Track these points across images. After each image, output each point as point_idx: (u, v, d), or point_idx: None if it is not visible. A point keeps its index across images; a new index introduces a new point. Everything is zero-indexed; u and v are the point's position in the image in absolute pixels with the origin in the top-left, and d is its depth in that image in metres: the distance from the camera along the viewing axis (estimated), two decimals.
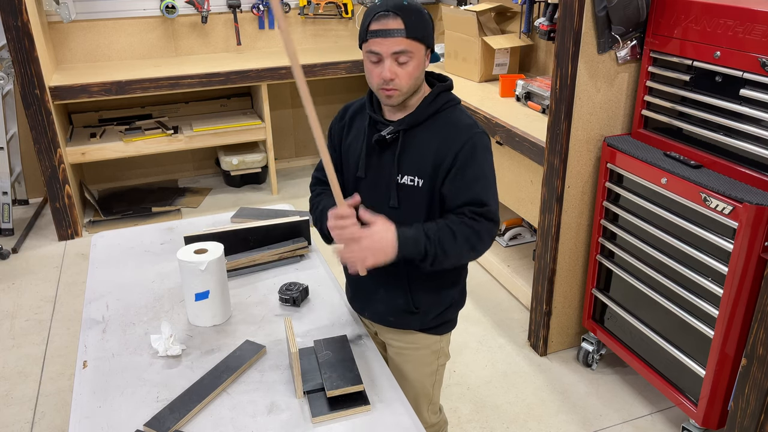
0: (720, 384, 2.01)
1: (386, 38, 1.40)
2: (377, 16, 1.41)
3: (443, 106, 1.51)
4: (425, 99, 1.51)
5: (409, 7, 1.41)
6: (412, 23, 1.40)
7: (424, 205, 1.51)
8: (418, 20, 1.41)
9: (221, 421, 1.36)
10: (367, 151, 1.55)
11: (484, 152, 1.48)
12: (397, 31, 1.39)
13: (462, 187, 1.46)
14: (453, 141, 1.47)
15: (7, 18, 3.22)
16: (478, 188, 1.46)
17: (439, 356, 1.71)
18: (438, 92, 1.51)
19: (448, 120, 1.51)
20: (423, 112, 1.50)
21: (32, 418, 2.41)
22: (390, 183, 1.52)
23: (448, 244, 1.44)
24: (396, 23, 1.39)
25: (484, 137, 1.50)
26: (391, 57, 1.41)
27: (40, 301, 3.14)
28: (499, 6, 3.53)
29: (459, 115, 1.52)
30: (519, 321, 2.95)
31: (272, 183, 4.35)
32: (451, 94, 1.55)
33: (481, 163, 1.47)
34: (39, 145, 3.51)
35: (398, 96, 1.46)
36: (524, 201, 2.84)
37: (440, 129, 1.49)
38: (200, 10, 4.12)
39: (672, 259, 2.09)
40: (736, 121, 1.91)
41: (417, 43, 1.42)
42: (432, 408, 1.77)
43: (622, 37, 2.19)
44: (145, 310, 1.75)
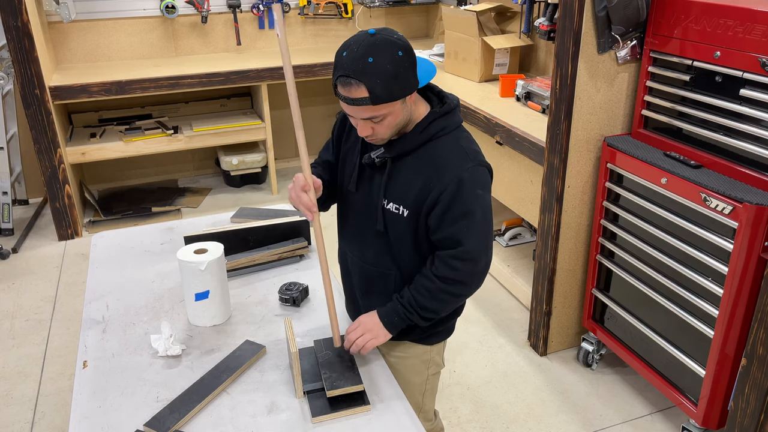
0: (720, 384, 2.01)
1: (353, 106, 1.32)
2: (340, 80, 1.30)
3: (437, 134, 1.42)
4: (417, 126, 1.42)
5: (374, 68, 1.26)
6: (377, 89, 1.28)
7: (409, 233, 1.48)
8: (386, 82, 1.28)
9: (221, 421, 1.36)
10: (360, 168, 1.52)
11: (472, 189, 1.39)
12: (362, 100, 1.29)
13: (443, 224, 1.42)
14: (438, 179, 1.39)
15: (7, 18, 3.21)
16: (457, 227, 1.41)
17: (429, 366, 1.68)
18: (431, 120, 1.42)
19: (437, 152, 1.42)
20: (413, 141, 1.42)
21: (32, 418, 2.41)
22: (377, 207, 1.49)
23: (430, 304, 1.45)
24: (359, 91, 1.28)
25: (476, 171, 1.41)
26: (362, 120, 1.35)
27: (40, 301, 3.14)
28: (499, 6, 3.53)
29: (452, 146, 1.42)
30: (519, 321, 2.95)
31: (272, 183, 4.35)
32: (449, 119, 1.44)
33: (467, 202, 1.39)
34: (39, 145, 3.51)
35: (381, 141, 1.42)
36: (524, 201, 2.84)
37: (428, 162, 1.42)
38: (200, 10, 4.12)
39: (672, 259, 2.09)
40: (736, 121, 1.91)
41: (388, 105, 1.32)
42: (423, 416, 1.75)
43: (622, 37, 2.19)
44: (145, 310, 1.75)
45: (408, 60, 1.32)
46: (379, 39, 1.29)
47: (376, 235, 1.51)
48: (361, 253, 1.58)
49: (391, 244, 1.50)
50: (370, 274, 1.57)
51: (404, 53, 1.31)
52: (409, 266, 1.52)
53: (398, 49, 1.30)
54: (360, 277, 1.61)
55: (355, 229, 1.58)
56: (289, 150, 4.86)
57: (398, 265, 1.53)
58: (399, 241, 1.50)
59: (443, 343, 1.70)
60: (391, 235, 1.50)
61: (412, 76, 1.34)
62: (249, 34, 4.38)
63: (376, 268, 1.55)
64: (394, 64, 1.28)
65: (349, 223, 1.60)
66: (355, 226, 1.58)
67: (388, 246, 1.51)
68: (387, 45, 1.29)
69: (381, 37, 1.30)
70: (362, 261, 1.58)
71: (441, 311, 1.48)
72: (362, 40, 1.29)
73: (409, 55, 1.32)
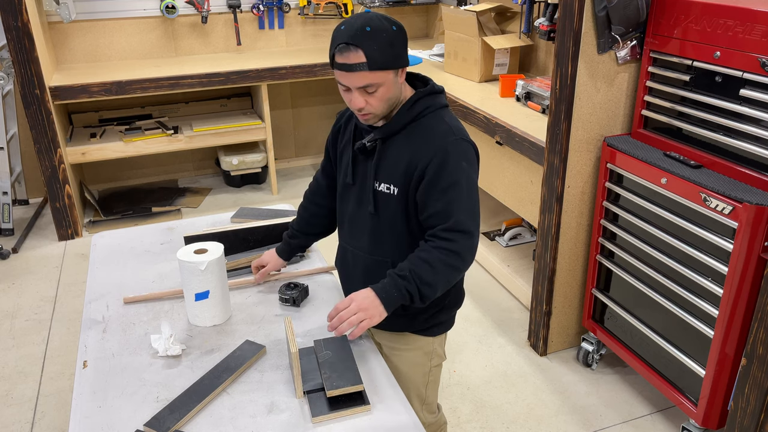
0: (720, 384, 2.01)
1: (350, 72, 1.36)
2: (339, 47, 1.36)
3: (422, 113, 1.48)
4: (403, 106, 1.48)
5: (372, 35, 1.34)
6: (375, 54, 1.35)
7: (399, 212, 1.51)
8: (382, 48, 1.35)
9: (221, 421, 1.36)
10: (353, 158, 1.56)
11: (457, 161, 1.43)
12: (359, 65, 1.35)
13: (431, 198, 1.44)
14: (424, 151, 1.44)
15: (7, 18, 3.22)
16: (446, 199, 1.43)
17: (431, 357, 1.70)
18: (416, 99, 1.48)
19: (423, 128, 1.47)
20: (400, 120, 1.48)
21: (32, 418, 2.41)
22: (370, 189, 1.53)
23: (428, 275, 1.43)
24: (357, 56, 1.34)
25: (460, 144, 1.45)
26: (357, 89, 1.39)
27: (40, 301, 3.14)
28: (499, 6, 3.53)
29: (437, 121, 1.48)
30: (519, 321, 2.95)
31: (272, 183, 4.35)
32: (434, 98, 1.50)
33: (452, 173, 1.43)
34: (39, 145, 3.51)
35: (373, 118, 1.46)
36: (524, 201, 2.84)
37: (415, 138, 1.47)
38: (200, 10, 4.12)
39: (672, 259, 2.09)
40: (736, 121, 1.91)
41: (383, 73, 1.38)
42: (427, 408, 1.77)
43: (622, 37, 2.19)
44: (145, 310, 1.75)
45: (401, 35, 1.40)
46: (374, 15, 1.40)
47: (369, 220, 1.55)
48: (359, 243, 1.61)
49: (385, 228, 1.53)
50: (368, 265, 1.60)
51: (397, 29, 1.40)
52: (404, 253, 1.52)
53: (392, 24, 1.39)
54: (360, 269, 1.63)
55: (354, 220, 1.61)
56: (289, 150, 4.86)
57: (393, 250, 1.55)
58: (391, 224, 1.52)
59: (444, 335, 1.72)
60: (384, 218, 1.53)
61: (404, 52, 1.42)
62: (249, 34, 4.38)
63: (373, 256, 1.59)
64: (390, 34, 1.37)
65: (348, 217, 1.63)
66: (354, 217, 1.61)
67: (380, 230, 1.54)
68: (383, 18, 1.39)
69: (374, 15, 1.40)
70: (360, 251, 1.61)
71: (438, 286, 1.46)
72: (359, 16, 1.39)
73: (401, 32, 1.41)
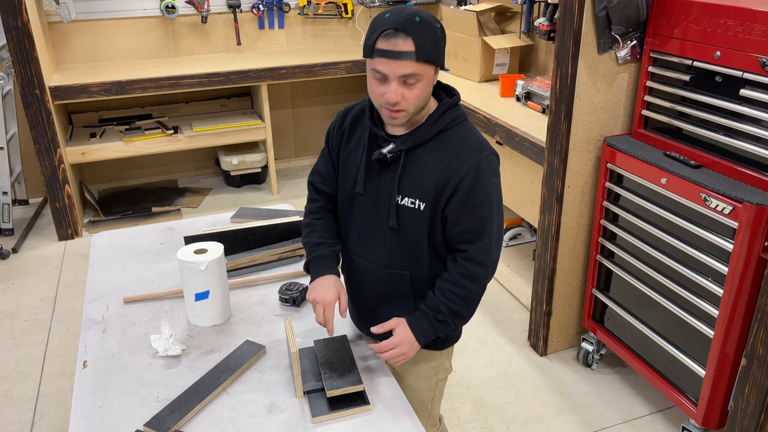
0: (720, 384, 2.01)
1: (395, 60, 1.28)
2: (386, 33, 1.28)
3: (449, 124, 1.41)
4: (430, 117, 1.41)
5: (422, 25, 1.28)
6: (425, 45, 1.28)
7: (424, 228, 1.43)
8: (432, 40, 1.30)
9: (221, 421, 1.36)
10: (367, 167, 1.46)
11: (489, 176, 1.39)
12: (407, 54, 1.27)
13: (464, 214, 1.40)
14: (458, 165, 1.38)
15: (7, 18, 3.21)
16: (479, 217, 1.40)
17: (438, 371, 1.67)
18: (444, 109, 1.41)
19: (453, 141, 1.41)
20: (427, 131, 1.40)
21: (32, 418, 2.41)
22: (390, 204, 1.44)
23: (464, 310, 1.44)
24: (407, 44, 1.27)
25: (491, 159, 1.41)
26: (398, 79, 1.31)
27: (40, 301, 3.14)
28: (499, 6, 3.53)
29: (465, 134, 1.42)
30: (519, 321, 2.95)
31: (272, 183, 4.35)
32: (459, 109, 1.44)
33: (486, 190, 1.39)
34: (39, 145, 3.51)
35: (404, 116, 1.36)
36: (524, 201, 2.84)
37: (445, 151, 1.40)
38: (200, 10, 4.12)
39: (672, 259, 2.09)
40: (736, 121, 1.91)
41: (428, 65, 1.31)
42: (430, 421, 1.75)
43: (622, 37, 2.19)
44: (145, 310, 1.75)
45: (444, 34, 1.36)
46: (420, 11, 1.33)
47: (387, 235, 1.46)
48: (372, 256, 1.52)
49: (405, 243, 1.45)
50: (384, 278, 1.52)
51: (441, 27, 1.35)
52: (424, 266, 1.47)
53: (437, 22, 1.34)
54: (375, 282, 1.55)
55: (365, 232, 1.52)
56: (289, 150, 4.86)
57: (412, 264, 1.48)
58: (414, 239, 1.45)
59: (452, 348, 1.68)
60: (406, 233, 1.44)
61: (444, 52, 1.37)
62: (249, 34, 4.38)
63: (389, 269, 1.50)
64: (438, 29, 1.33)
65: (356, 226, 1.53)
66: (365, 229, 1.51)
67: (400, 245, 1.46)
68: (429, 15, 1.33)
69: (422, 11, 1.34)
70: (374, 264, 1.52)
71: (471, 314, 1.47)
72: (404, 6, 1.34)
73: (444, 32, 1.36)
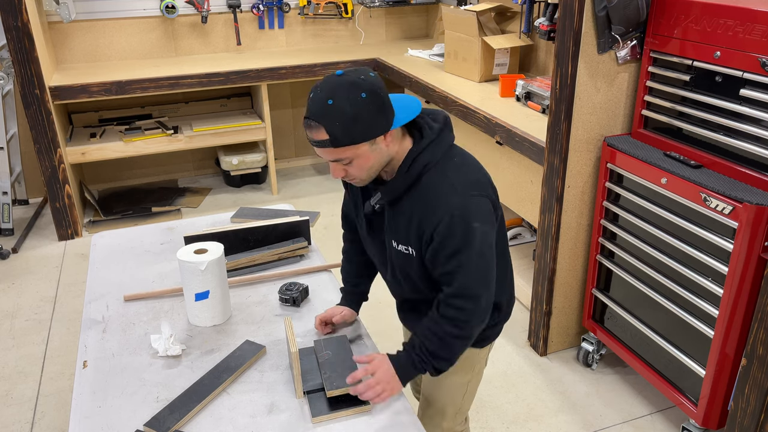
0: (720, 384, 2.01)
1: (317, 148, 1.30)
2: (304, 121, 1.29)
3: (421, 172, 1.38)
4: (401, 168, 1.38)
5: (333, 111, 1.24)
6: (336, 132, 1.25)
7: (419, 271, 1.47)
8: (345, 125, 1.25)
9: (221, 421, 1.36)
10: (365, 215, 1.51)
11: (466, 223, 1.34)
12: (323, 143, 1.27)
13: (438, 263, 1.40)
14: (430, 217, 1.36)
15: (7, 18, 3.21)
16: (453, 264, 1.37)
17: (474, 368, 1.69)
18: (413, 159, 1.37)
19: (426, 190, 1.38)
20: (400, 184, 1.39)
21: (32, 418, 2.41)
22: (387, 249, 1.51)
23: (441, 351, 1.42)
24: (320, 134, 1.26)
25: (468, 204, 1.35)
26: (331, 162, 1.33)
27: (40, 301, 3.14)
28: (499, 6, 3.53)
29: (439, 182, 1.37)
30: (519, 321, 2.95)
31: (272, 183, 4.35)
32: (433, 149, 1.38)
33: (461, 237, 1.35)
34: (39, 145, 3.51)
35: (360, 182, 1.39)
36: (524, 201, 2.84)
37: (420, 201, 1.38)
38: (200, 10, 4.12)
39: (672, 259, 2.09)
40: (736, 121, 1.91)
41: (351, 148, 1.28)
42: (458, 417, 1.75)
43: (622, 37, 2.19)
44: (145, 310, 1.75)
45: (373, 102, 1.27)
46: (343, 80, 1.27)
47: (393, 275, 1.56)
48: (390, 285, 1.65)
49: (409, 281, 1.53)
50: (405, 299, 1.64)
51: (368, 95, 1.26)
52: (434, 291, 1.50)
53: (361, 90, 1.26)
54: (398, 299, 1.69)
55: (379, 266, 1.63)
56: (289, 150, 4.86)
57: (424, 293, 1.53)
58: (414, 279, 1.51)
59: (490, 346, 1.70)
60: (406, 274, 1.51)
61: (379, 118, 1.29)
62: (249, 34, 4.38)
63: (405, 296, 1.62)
64: (355, 106, 1.25)
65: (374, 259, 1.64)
66: (378, 264, 1.62)
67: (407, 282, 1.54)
68: (350, 86, 1.26)
69: (346, 79, 1.27)
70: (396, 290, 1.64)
71: (452, 357, 1.44)
72: (327, 82, 1.28)
73: (374, 97, 1.27)
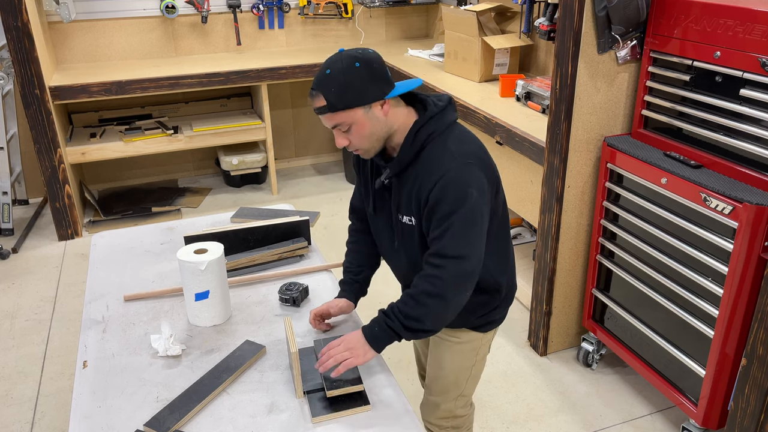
0: (720, 384, 2.01)
1: (319, 115, 1.42)
2: (309, 93, 1.42)
3: (426, 142, 1.46)
4: (406, 139, 1.46)
5: (329, 79, 1.37)
6: (332, 97, 1.37)
7: (419, 242, 1.51)
8: (339, 90, 1.37)
9: (221, 421, 1.36)
10: (374, 191, 1.59)
11: (460, 188, 1.39)
12: (322, 109, 1.40)
13: (431, 226, 1.44)
14: (428, 182, 1.43)
15: (7, 18, 3.22)
16: (443, 227, 1.41)
17: (478, 352, 1.72)
18: (416, 130, 1.45)
19: (429, 158, 1.45)
20: (406, 155, 1.46)
21: (32, 418, 2.41)
22: (393, 222, 1.56)
23: (412, 310, 1.42)
24: (319, 101, 1.39)
25: (462, 170, 1.41)
26: (334, 129, 1.44)
27: (40, 301, 3.14)
28: (499, 6, 3.53)
29: (441, 149, 1.44)
30: (519, 321, 2.95)
31: (272, 183, 4.35)
32: (437, 121, 1.46)
33: (453, 202, 1.40)
34: (39, 145, 3.51)
35: (365, 153, 1.48)
36: (524, 201, 2.84)
37: (422, 169, 1.45)
38: (200, 10, 4.12)
39: (672, 259, 2.09)
40: (736, 121, 1.91)
41: (347, 112, 1.39)
42: (461, 401, 1.78)
43: (622, 37, 2.19)
44: (145, 310, 1.75)
45: (366, 70, 1.38)
46: (343, 54, 1.40)
47: (398, 250, 1.59)
48: (396, 265, 1.67)
49: (413, 254, 1.55)
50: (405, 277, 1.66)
51: (362, 64, 1.38)
52: None
53: (356, 60, 1.38)
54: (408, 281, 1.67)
55: (385, 247, 1.66)
56: (289, 150, 4.86)
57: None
58: (418, 251, 1.53)
59: (494, 331, 1.74)
60: (411, 246, 1.54)
61: (372, 86, 1.39)
62: (249, 34, 4.38)
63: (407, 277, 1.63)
64: (348, 74, 1.37)
65: (379, 240, 1.67)
66: (384, 245, 1.65)
67: (410, 256, 1.56)
68: (345, 58, 1.39)
69: (345, 53, 1.40)
70: (400, 270, 1.66)
71: (426, 319, 1.43)
72: (329, 57, 1.42)
73: (367, 67, 1.39)
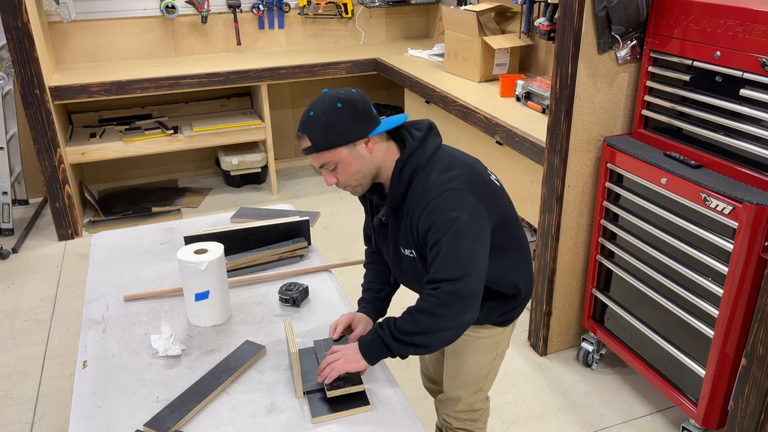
0: (720, 384, 2.01)
1: (307, 155, 1.48)
2: (296, 135, 1.49)
3: (411, 178, 1.48)
4: (392, 179, 1.49)
5: (313, 120, 1.42)
6: (316, 137, 1.42)
7: (424, 272, 1.53)
8: (322, 131, 1.41)
9: (221, 422, 1.36)
10: (375, 227, 1.65)
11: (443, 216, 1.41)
12: (308, 149, 1.45)
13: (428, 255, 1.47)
14: (417, 215, 1.46)
15: (7, 18, 3.21)
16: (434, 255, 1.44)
17: (498, 347, 1.73)
18: (401, 167, 1.48)
19: (416, 193, 1.47)
20: (396, 194, 1.50)
21: (32, 418, 2.41)
22: (396, 255, 1.59)
23: (403, 324, 1.44)
24: (305, 142, 1.45)
25: (442, 199, 1.42)
26: (322, 168, 1.48)
27: (40, 301, 3.14)
28: (499, 6, 3.53)
29: (423, 182, 1.46)
30: (519, 321, 2.93)
31: (272, 183, 4.35)
32: (418, 156, 1.48)
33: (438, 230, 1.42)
34: (39, 145, 3.51)
35: (354, 190, 1.52)
36: (524, 201, 2.84)
37: (411, 204, 1.48)
38: (200, 10, 4.12)
39: (672, 259, 2.09)
40: (736, 121, 1.91)
41: (331, 152, 1.44)
42: (480, 395, 1.79)
43: (622, 37, 2.19)
44: (145, 310, 1.75)
45: (348, 110, 1.43)
46: (326, 95, 1.45)
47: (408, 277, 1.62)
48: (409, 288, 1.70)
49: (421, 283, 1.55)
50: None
51: (344, 104, 1.42)
52: None
53: (337, 101, 1.43)
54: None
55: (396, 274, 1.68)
56: (289, 150, 4.86)
57: None
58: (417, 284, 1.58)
59: (513, 325, 1.74)
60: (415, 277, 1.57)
61: (355, 125, 1.44)
62: (249, 34, 4.38)
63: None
64: (330, 114, 1.42)
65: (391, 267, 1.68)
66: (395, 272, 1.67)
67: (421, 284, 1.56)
68: (328, 99, 1.43)
69: (328, 94, 1.45)
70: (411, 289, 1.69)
71: (414, 333, 1.44)
72: (313, 100, 1.47)
73: (349, 106, 1.43)
